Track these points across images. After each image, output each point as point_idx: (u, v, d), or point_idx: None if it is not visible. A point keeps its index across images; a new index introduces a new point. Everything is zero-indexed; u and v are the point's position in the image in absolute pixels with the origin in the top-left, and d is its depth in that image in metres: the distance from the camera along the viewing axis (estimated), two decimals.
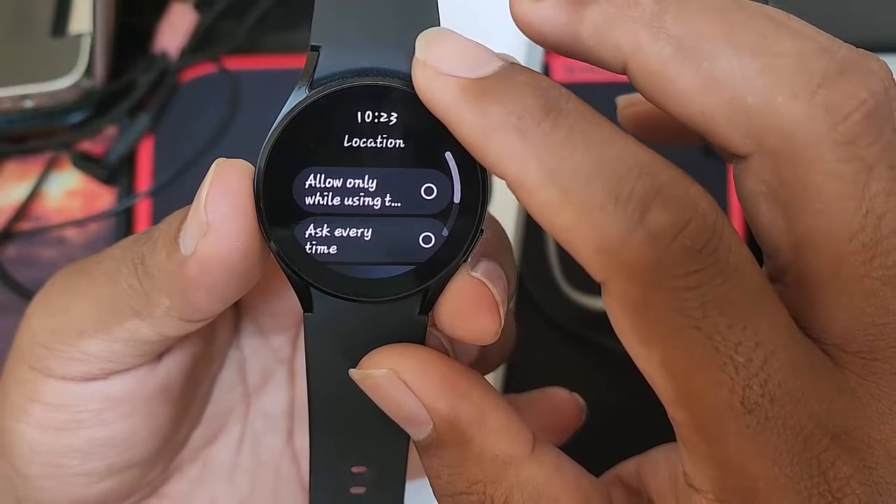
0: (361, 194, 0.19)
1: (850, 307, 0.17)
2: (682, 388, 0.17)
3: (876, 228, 0.17)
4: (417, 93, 0.18)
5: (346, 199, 0.19)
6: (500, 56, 0.18)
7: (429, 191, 0.19)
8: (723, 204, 0.41)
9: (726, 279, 0.16)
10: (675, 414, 0.17)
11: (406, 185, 0.19)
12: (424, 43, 0.18)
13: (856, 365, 0.17)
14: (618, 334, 0.17)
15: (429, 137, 0.19)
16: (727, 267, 0.16)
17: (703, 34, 0.17)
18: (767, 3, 0.36)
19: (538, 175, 0.16)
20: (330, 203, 0.19)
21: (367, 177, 0.19)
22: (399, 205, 0.19)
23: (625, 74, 0.18)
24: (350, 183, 0.19)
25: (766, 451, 0.16)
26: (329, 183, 0.19)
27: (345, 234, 0.19)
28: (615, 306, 0.17)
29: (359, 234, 0.19)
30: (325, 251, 0.19)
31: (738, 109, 0.17)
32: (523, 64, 0.19)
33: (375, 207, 0.19)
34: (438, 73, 0.18)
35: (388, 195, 0.19)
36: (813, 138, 0.17)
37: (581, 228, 0.16)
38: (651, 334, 0.16)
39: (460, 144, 0.18)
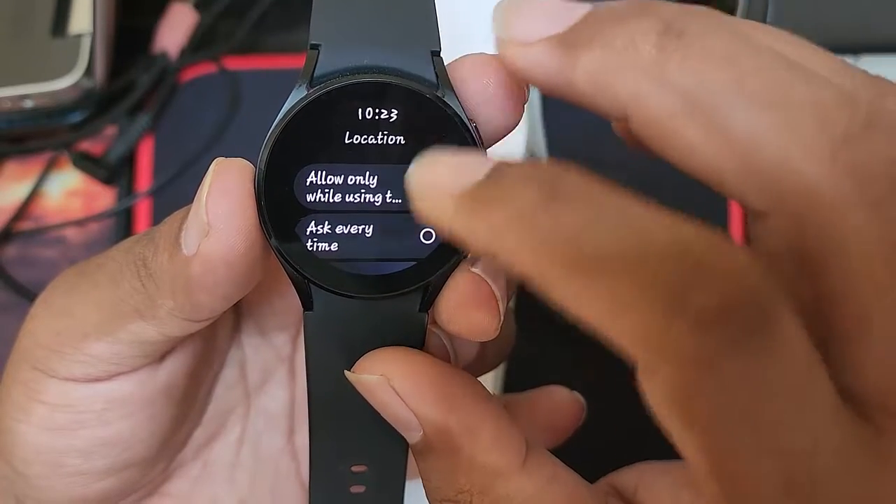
0: (362, 191, 0.19)
1: (885, 364, 0.16)
2: (720, 469, 0.15)
3: None
4: (426, 223, 0.17)
5: (347, 195, 0.19)
6: (486, 157, 0.17)
7: None
8: (723, 210, 0.41)
9: (779, 360, 0.14)
10: (706, 486, 0.16)
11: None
12: (411, 177, 0.17)
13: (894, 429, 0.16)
14: (655, 414, 0.16)
15: (429, 134, 0.19)
16: (780, 347, 0.14)
17: (712, 84, 0.16)
18: (767, 8, 0.36)
19: (556, 268, 0.15)
20: (331, 200, 0.19)
21: (367, 173, 0.19)
22: (400, 201, 0.19)
23: (625, 122, 0.17)
24: (351, 180, 0.19)
25: None
26: (330, 180, 0.19)
27: (346, 231, 0.19)
28: (656, 392, 0.15)
29: (360, 231, 0.19)
30: (327, 248, 0.19)
31: (751, 167, 0.16)
32: None
33: (376, 204, 0.19)
34: (433, 199, 0.16)
35: (389, 192, 0.19)
36: (837, 202, 0.15)
37: (615, 319, 0.15)
38: (694, 421, 0.15)
39: (461, 139, 0.18)
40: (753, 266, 0.15)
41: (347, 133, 0.19)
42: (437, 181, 0.16)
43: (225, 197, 0.19)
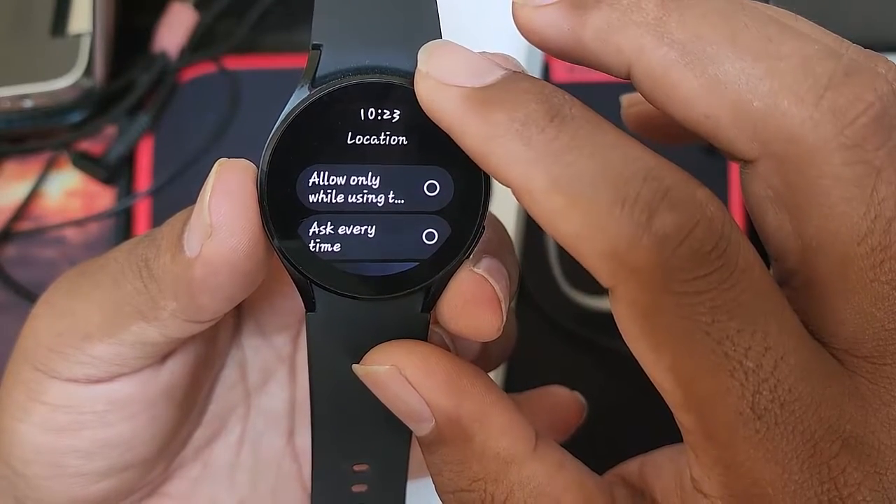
0: (365, 191, 0.19)
1: (860, 311, 0.17)
2: (690, 393, 0.16)
3: (885, 233, 0.17)
4: (421, 104, 0.18)
5: (350, 196, 0.19)
6: (503, 65, 0.18)
7: (431, 187, 0.19)
8: (724, 203, 0.41)
9: (735, 283, 0.16)
10: (683, 418, 0.17)
11: (409, 181, 0.19)
12: (426, 55, 0.18)
13: (866, 370, 0.17)
14: (625, 339, 0.17)
15: (431, 134, 0.19)
16: (736, 270, 0.16)
17: (707, 38, 0.17)
18: (769, 3, 0.36)
19: (543, 181, 0.16)
20: (333, 201, 0.19)
21: (370, 174, 0.19)
22: (402, 202, 0.19)
23: (628, 79, 0.18)
24: (353, 180, 0.19)
25: (776, 457, 0.16)
26: (332, 181, 0.19)
27: (348, 232, 0.19)
28: (623, 312, 0.17)
29: (362, 232, 0.19)
30: (329, 249, 0.19)
31: (743, 113, 0.17)
32: (524, 65, 0.19)
33: (379, 205, 0.19)
34: (441, 83, 0.18)
35: (392, 192, 0.19)
36: (819, 142, 0.16)
37: (587, 234, 0.16)
38: (659, 340, 0.16)
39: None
40: (713, 199, 0.16)
41: (350, 133, 0.19)
42: (449, 68, 0.18)
43: (228, 198, 0.19)
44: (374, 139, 0.19)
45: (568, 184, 0.16)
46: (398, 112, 0.19)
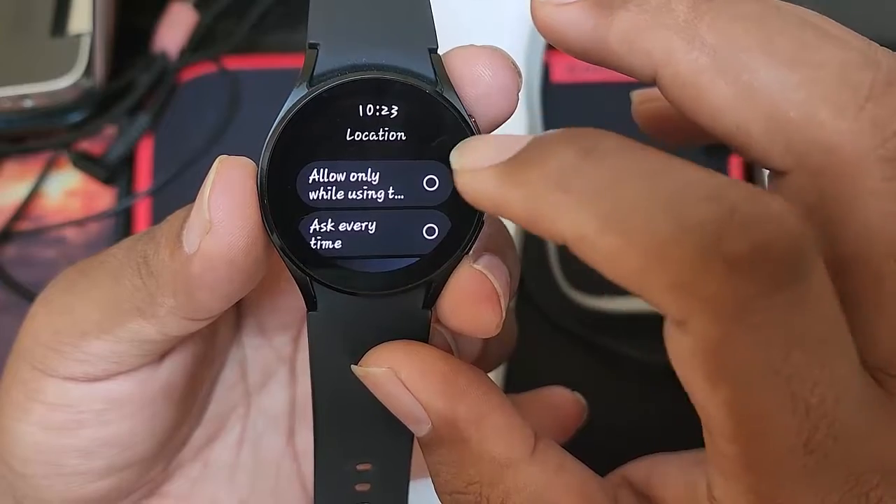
0: (365, 188, 0.19)
1: (894, 328, 0.16)
2: (743, 427, 0.15)
3: None
4: (468, 201, 0.18)
5: (350, 192, 0.19)
6: (525, 136, 0.17)
7: (431, 182, 0.19)
8: None
9: (811, 310, 0.14)
10: (725, 447, 0.16)
11: (409, 177, 0.19)
12: (457, 154, 0.18)
13: None
14: (677, 367, 0.16)
15: (430, 129, 0.19)
16: (812, 295, 0.14)
17: (741, 43, 0.16)
18: None
19: (592, 224, 0.15)
20: (333, 197, 0.19)
21: (370, 170, 0.19)
22: (402, 197, 0.19)
23: (654, 83, 0.17)
24: (353, 177, 0.19)
25: (816, 490, 0.15)
26: (332, 177, 0.19)
27: (349, 228, 0.19)
28: (690, 345, 0.15)
29: (363, 228, 0.19)
30: (330, 246, 0.19)
31: (778, 124, 0.16)
32: (522, 62, 0.19)
33: (379, 200, 0.19)
34: (475, 171, 0.17)
35: (392, 188, 0.19)
36: (858, 155, 0.16)
37: (651, 269, 0.15)
38: (723, 375, 0.15)
39: (460, 133, 0.18)
40: (790, 212, 0.14)
41: (348, 130, 0.19)
42: (480, 155, 0.17)
43: (228, 194, 0.19)
44: (372, 135, 0.19)
45: (620, 220, 0.15)
46: (396, 108, 0.19)
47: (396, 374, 0.20)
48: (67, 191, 0.42)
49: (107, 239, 0.41)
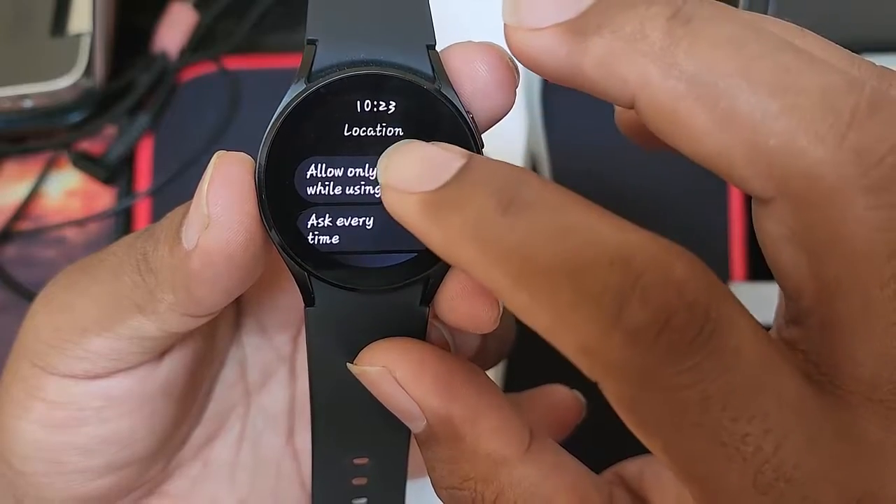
0: (363, 183, 0.19)
1: (879, 355, 0.16)
2: (689, 473, 0.16)
3: None
4: (391, 214, 0.17)
5: (348, 188, 0.19)
6: (461, 152, 0.17)
7: None
8: (723, 206, 0.41)
9: (725, 369, 0.15)
10: (686, 488, 0.16)
11: None
12: (385, 163, 0.18)
13: (879, 414, 0.16)
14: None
15: (427, 125, 0.19)
16: (724, 354, 0.15)
17: (718, 69, 0.16)
18: (767, 9, 0.36)
19: (504, 280, 0.15)
20: (331, 193, 0.19)
21: (367, 165, 0.19)
22: None
23: (632, 108, 0.17)
24: (351, 172, 0.19)
25: None
26: (330, 173, 0.19)
27: (347, 224, 0.19)
28: (611, 403, 0.15)
29: (360, 223, 0.19)
30: (328, 241, 0.19)
31: (759, 152, 0.16)
32: (522, 65, 0.18)
33: (376, 196, 0.19)
34: (401, 193, 0.17)
35: None
36: (842, 184, 0.15)
37: (558, 330, 0.15)
38: (650, 430, 0.15)
39: (458, 129, 0.18)
40: (694, 276, 0.15)
41: (346, 126, 0.19)
42: (405, 176, 0.17)
43: (226, 189, 0.19)
44: (370, 131, 0.19)
45: (528, 281, 0.15)
46: (394, 103, 0.19)
47: (391, 373, 0.20)
48: (67, 191, 0.42)
49: (107, 239, 0.41)
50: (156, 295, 0.20)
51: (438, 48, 0.19)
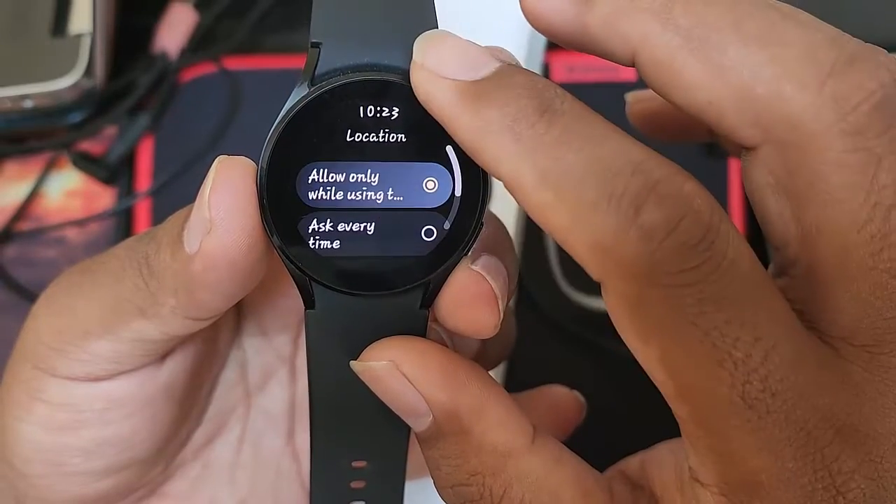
0: (364, 188, 0.19)
1: (858, 299, 0.17)
2: (681, 383, 0.17)
3: (885, 220, 0.17)
4: (416, 95, 0.18)
5: (349, 193, 0.19)
6: (498, 57, 0.18)
7: (430, 184, 0.19)
8: (724, 203, 0.41)
9: (723, 274, 0.16)
10: (677, 409, 0.17)
11: (408, 178, 0.19)
12: (422, 46, 0.18)
13: (862, 359, 0.17)
14: (618, 330, 0.17)
15: (430, 131, 0.19)
16: (724, 262, 0.16)
17: (711, 24, 0.17)
18: None
19: (532, 176, 0.17)
20: (333, 198, 0.19)
21: (369, 171, 0.19)
22: (401, 198, 0.19)
23: (633, 66, 0.18)
24: (353, 177, 0.19)
25: (769, 446, 0.16)
26: (332, 178, 0.19)
27: (348, 229, 0.19)
28: (613, 304, 0.17)
29: (362, 229, 0.19)
30: (329, 246, 0.19)
31: (746, 99, 0.17)
32: (522, 63, 0.19)
33: (378, 202, 0.19)
34: (436, 76, 0.18)
35: (391, 189, 0.19)
36: (821, 128, 0.17)
37: (576, 228, 0.16)
38: (648, 331, 0.17)
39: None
40: (702, 192, 0.16)
41: (349, 131, 0.19)
42: (445, 61, 0.18)
43: (227, 194, 0.19)
44: (373, 136, 0.19)
45: (556, 178, 0.16)
46: (397, 109, 0.19)
47: (398, 367, 0.20)
48: (68, 191, 0.42)
49: (107, 239, 0.41)
50: (158, 298, 0.20)
51: None
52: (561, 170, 0.16)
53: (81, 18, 0.42)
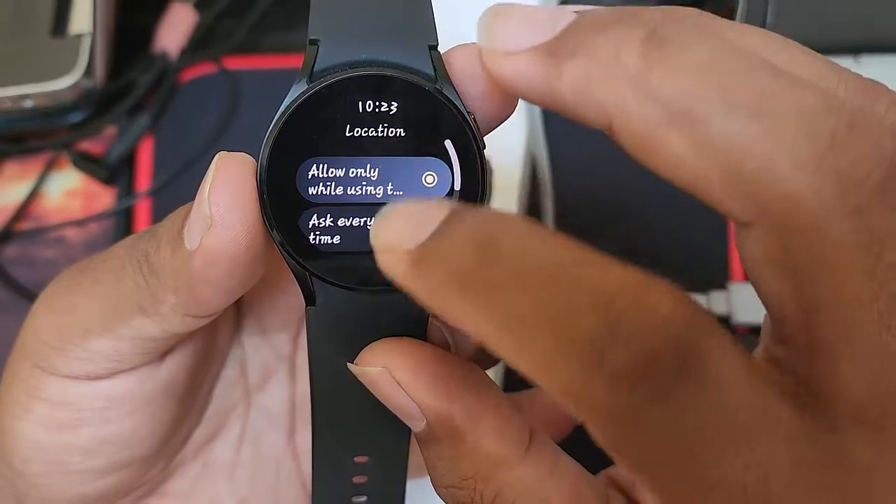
0: (364, 183, 0.19)
1: (865, 375, 0.16)
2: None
3: (892, 298, 0.15)
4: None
5: (349, 188, 0.19)
6: (448, 205, 0.17)
7: (430, 179, 0.19)
8: (723, 222, 0.41)
9: (709, 406, 0.15)
10: None
11: (408, 173, 0.19)
12: (376, 230, 0.17)
13: (868, 437, 0.16)
14: None
15: (429, 126, 0.19)
16: (709, 389, 0.15)
17: (694, 94, 0.15)
18: (767, 8, 0.36)
19: (488, 328, 0.15)
20: (333, 193, 0.19)
21: (369, 166, 0.19)
22: (401, 193, 0.19)
23: (609, 132, 0.17)
24: (353, 172, 0.19)
25: None
26: (332, 173, 0.19)
27: (348, 224, 0.19)
28: (598, 441, 0.15)
29: (362, 224, 0.19)
30: (329, 241, 0.19)
31: (736, 177, 0.15)
32: None
33: (378, 196, 0.19)
34: (389, 250, 0.17)
35: (391, 184, 0.19)
36: (822, 209, 0.15)
37: (545, 375, 0.15)
38: (636, 468, 0.15)
39: (459, 131, 0.18)
40: (677, 313, 0.15)
41: (348, 126, 0.19)
42: (392, 237, 0.16)
43: (228, 190, 0.19)
44: (372, 131, 0.19)
45: (512, 328, 0.15)
46: (396, 104, 0.19)
47: (391, 374, 0.20)
48: (68, 191, 0.42)
49: (107, 239, 0.41)
50: (158, 296, 0.20)
51: (442, 49, 0.19)
52: (514, 320, 0.15)
53: (81, 18, 0.42)
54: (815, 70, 0.16)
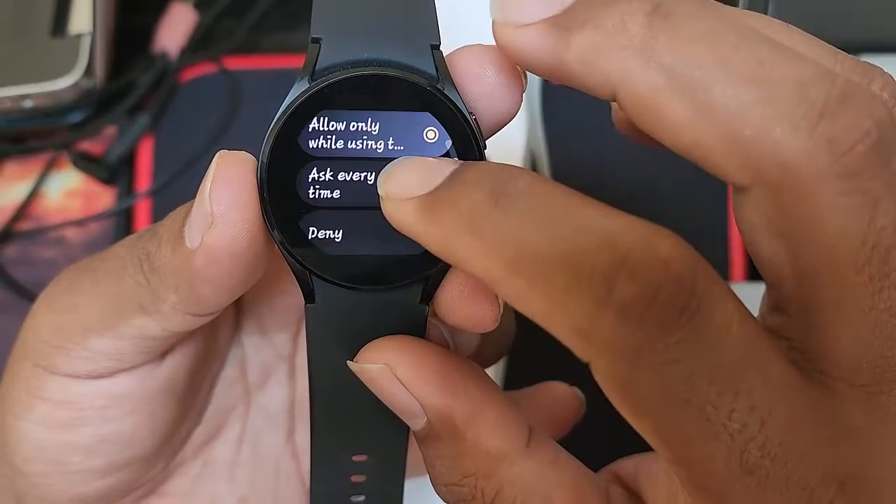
0: (364, 187, 0.19)
1: (858, 339, 0.16)
2: (678, 454, 0.16)
3: (883, 262, 0.16)
4: (391, 224, 0.18)
5: (350, 191, 0.19)
6: (454, 161, 0.18)
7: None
8: (724, 209, 0.41)
9: (711, 345, 0.15)
10: (675, 472, 0.17)
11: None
12: (382, 179, 0.18)
13: (861, 400, 0.16)
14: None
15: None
16: (711, 330, 0.15)
17: (696, 62, 0.16)
18: (767, 7, 0.36)
19: (499, 269, 0.16)
20: (333, 195, 0.19)
21: (369, 171, 0.19)
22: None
23: (614, 101, 0.18)
24: (353, 176, 0.19)
25: None
26: (332, 174, 0.19)
27: (348, 225, 0.19)
28: (602, 384, 0.16)
29: (362, 224, 0.19)
30: (329, 240, 0.19)
31: (735, 141, 0.16)
32: None
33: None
34: (398, 201, 0.17)
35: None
36: (815, 172, 0.16)
37: (553, 314, 0.15)
38: (641, 409, 0.16)
39: (461, 131, 0.18)
40: (679, 255, 0.15)
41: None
42: (402, 185, 0.17)
43: (229, 188, 0.19)
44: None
45: (523, 266, 0.16)
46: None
47: (392, 371, 0.20)
48: (68, 191, 0.42)
49: (107, 239, 0.42)
50: (159, 294, 0.20)
51: (445, 49, 0.19)
52: (526, 256, 0.16)
53: (81, 18, 0.42)
54: (813, 48, 0.17)
